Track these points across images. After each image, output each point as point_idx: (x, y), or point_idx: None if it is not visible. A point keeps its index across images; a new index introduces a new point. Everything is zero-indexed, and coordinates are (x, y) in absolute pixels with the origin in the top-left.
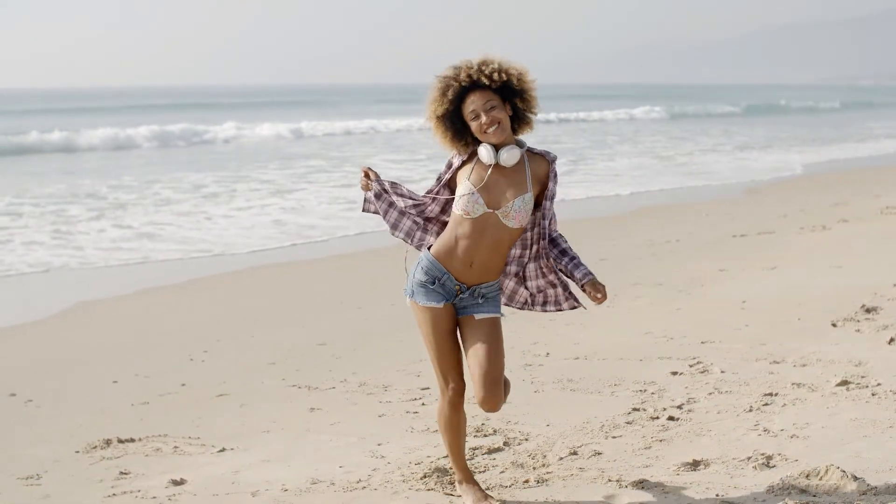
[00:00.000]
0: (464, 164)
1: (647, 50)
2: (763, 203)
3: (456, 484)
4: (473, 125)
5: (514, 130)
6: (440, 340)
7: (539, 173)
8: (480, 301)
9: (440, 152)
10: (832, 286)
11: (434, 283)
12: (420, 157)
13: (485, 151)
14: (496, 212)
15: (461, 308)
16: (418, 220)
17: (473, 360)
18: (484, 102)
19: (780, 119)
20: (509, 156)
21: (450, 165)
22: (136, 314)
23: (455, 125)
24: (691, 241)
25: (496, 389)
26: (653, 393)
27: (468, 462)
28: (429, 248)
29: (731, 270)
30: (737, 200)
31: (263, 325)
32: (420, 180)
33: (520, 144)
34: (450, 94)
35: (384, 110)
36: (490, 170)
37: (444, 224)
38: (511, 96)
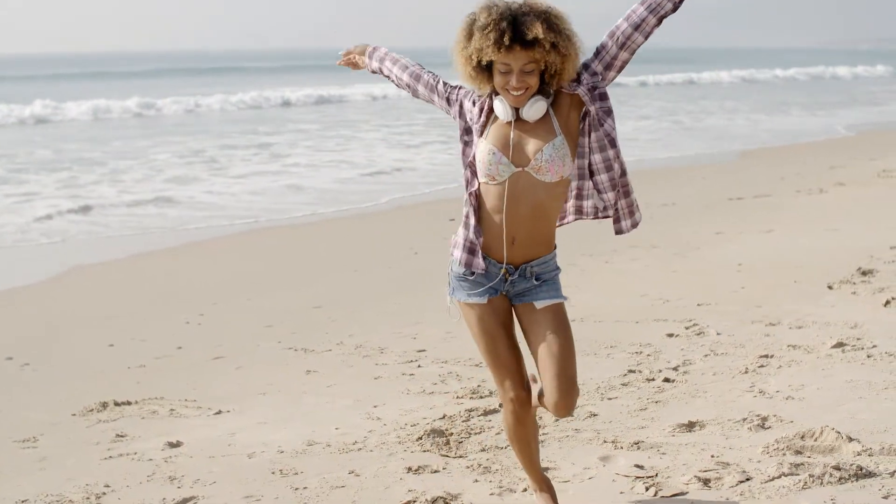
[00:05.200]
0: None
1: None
2: (760, 166)
3: (533, 493)
4: (499, 79)
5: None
6: (490, 342)
7: (565, 111)
8: (536, 283)
9: (439, 116)
10: (828, 249)
11: (474, 273)
12: (417, 123)
13: (501, 107)
14: (526, 169)
15: (516, 295)
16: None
17: (544, 357)
18: (524, 63)
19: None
20: (534, 110)
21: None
22: (132, 278)
23: (480, 66)
24: (688, 204)
25: (572, 391)
26: (648, 355)
27: (464, 424)
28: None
29: (728, 233)
30: (734, 164)
31: (260, 289)
32: (420, 144)
33: (545, 94)
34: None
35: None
36: (510, 126)
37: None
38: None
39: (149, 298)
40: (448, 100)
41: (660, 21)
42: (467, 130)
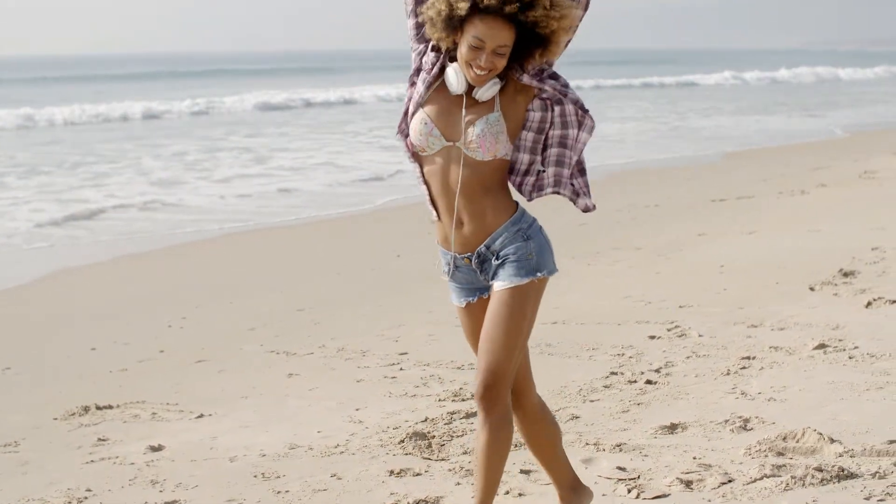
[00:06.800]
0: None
1: (620, 16)
2: (742, 168)
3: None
4: (464, 50)
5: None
6: (471, 341)
7: (510, 92)
8: (498, 262)
9: None
10: (810, 250)
11: (453, 272)
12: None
13: (453, 78)
14: (457, 143)
15: (491, 277)
16: None
17: (480, 344)
18: (498, 45)
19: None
20: (489, 92)
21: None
22: (114, 281)
23: (452, 23)
24: (671, 206)
25: (492, 384)
26: (631, 357)
27: (449, 426)
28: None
29: (710, 234)
30: (717, 165)
31: (242, 292)
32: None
33: (499, 75)
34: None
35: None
36: (451, 98)
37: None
38: (532, 43)
39: (131, 302)
40: (422, 35)
41: None
42: (418, 71)
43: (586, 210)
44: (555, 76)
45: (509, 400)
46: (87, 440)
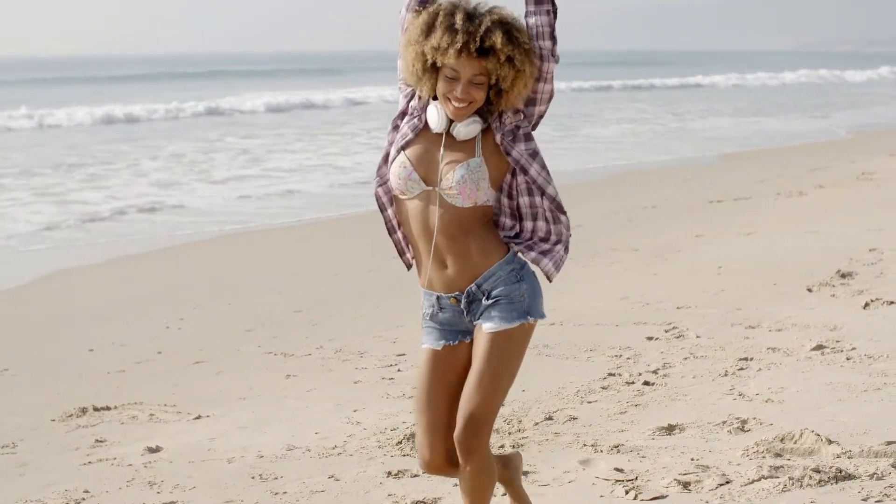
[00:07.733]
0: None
1: (618, 16)
2: (740, 169)
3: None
4: (443, 85)
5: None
6: (428, 388)
7: (492, 139)
8: (488, 302)
9: None
10: (808, 251)
11: (436, 313)
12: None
13: (434, 114)
14: (436, 188)
15: (477, 317)
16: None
17: (464, 387)
18: (474, 74)
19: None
20: (468, 130)
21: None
22: (113, 282)
23: (432, 67)
24: (668, 207)
25: (472, 430)
26: (628, 358)
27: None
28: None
29: (708, 236)
30: (715, 166)
31: (240, 293)
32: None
33: (482, 116)
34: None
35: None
36: (432, 139)
37: None
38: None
39: (129, 303)
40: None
41: (553, 37)
42: (403, 115)
43: (543, 270)
44: (528, 137)
45: (489, 446)
46: (84, 441)
